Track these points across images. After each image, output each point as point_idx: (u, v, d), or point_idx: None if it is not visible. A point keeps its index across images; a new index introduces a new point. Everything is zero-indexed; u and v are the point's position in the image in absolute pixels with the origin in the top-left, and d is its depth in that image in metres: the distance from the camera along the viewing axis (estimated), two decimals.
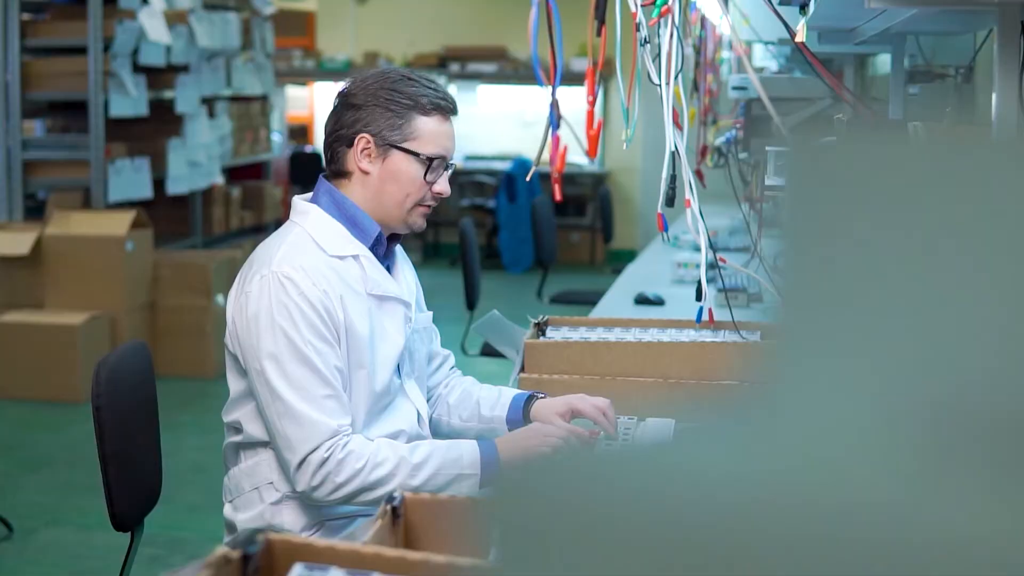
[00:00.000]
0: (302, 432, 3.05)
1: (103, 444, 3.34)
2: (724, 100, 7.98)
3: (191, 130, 10.28)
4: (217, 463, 6.86)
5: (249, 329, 3.11)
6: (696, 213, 3.79)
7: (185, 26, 10.03)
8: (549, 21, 2.52)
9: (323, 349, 3.10)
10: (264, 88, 11.94)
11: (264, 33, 11.84)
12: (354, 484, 3.06)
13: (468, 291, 7.35)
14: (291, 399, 3.05)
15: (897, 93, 3.83)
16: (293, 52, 15.77)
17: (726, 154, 5.89)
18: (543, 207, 9.45)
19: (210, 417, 8.38)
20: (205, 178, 10.57)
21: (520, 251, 14.68)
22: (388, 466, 3.08)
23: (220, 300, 9.34)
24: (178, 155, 10.05)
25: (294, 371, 3.06)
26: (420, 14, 16.02)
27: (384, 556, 1.72)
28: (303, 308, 3.08)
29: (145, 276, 9.12)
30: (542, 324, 4.09)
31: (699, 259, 6.35)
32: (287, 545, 1.74)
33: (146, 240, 9.10)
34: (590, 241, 15.46)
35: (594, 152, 2.78)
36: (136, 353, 3.57)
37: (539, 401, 3.52)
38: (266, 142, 12.21)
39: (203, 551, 5.29)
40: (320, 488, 3.06)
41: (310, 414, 3.05)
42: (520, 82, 15.32)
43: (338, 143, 3.31)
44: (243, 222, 11.48)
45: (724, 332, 4.00)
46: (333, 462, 3.04)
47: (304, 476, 3.06)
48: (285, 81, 14.40)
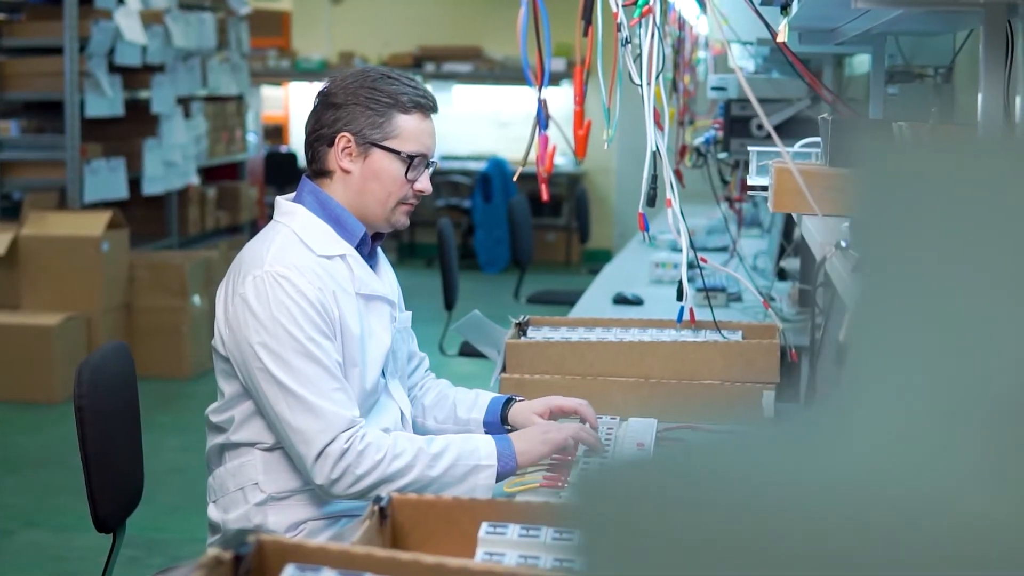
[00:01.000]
0: (318, 424, 3.04)
1: (85, 445, 3.33)
2: (701, 100, 7.99)
3: (167, 130, 10.25)
4: (195, 464, 6.87)
5: (248, 329, 3.10)
6: (677, 213, 3.80)
7: (161, 26, 10.01)
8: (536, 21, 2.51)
9: (325, 344, 3.10)
10: (240, 88, 11.92)
11: (240, 33, 11.81)
12: (374, 476, 3.05)
13: (446, 291, 7.35)
14: (303, 393, 3.04)
15: (877, 93, 3.84)
16: (268, 52, 15.75)
17: (705, 154, 5.90)
18: (520, 207, 9.45)
19: (187, 417, 8.42)
20: (181, 178, 10.54)
21: (496, 251, 14.68)
22: (407, 457, 3.07)
23: (196, 301, 9.33)
24: (154, 155, 10.02)
25: (301, 366, 3.05)
26: (395, 14, 16.01)
27: (375, 556, 1.73)
28: (302, 305, 3.08)
29: (121, 277, 9.09)
30: (523, 324, 4.09)
31: (677, 259, 6.40)
32: (278, 546, 1.74)
33: (122, 241, 9.08)
34: (565, 241, 15.47)
35: (582, 153, 2.77)
36: (118, 353, 3.56)
37: (517, 404, 3.53)
38: (241, 142, 12.18)
39: (183, 552, 5.30)
40: (340, 480, 3.05)
41: (324, 405, 3.05)
42: (495, 82, 15.32)
43: (319, 142, 3.30)
44: (219, 223, 11.45)
45: (705, 332, 4.01)
46: (353, 453, 3.04)
47: (323, 469, 3.04)
48: (260, 81, 14.37)
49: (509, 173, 14.86)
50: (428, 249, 14.54)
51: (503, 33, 15.67)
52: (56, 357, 8.40)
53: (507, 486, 3.15)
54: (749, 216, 8.17)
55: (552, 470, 3.21)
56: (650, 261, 6.54)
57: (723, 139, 5.38)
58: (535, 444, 3.19)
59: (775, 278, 6.03)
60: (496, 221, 14.58)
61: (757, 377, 3.80)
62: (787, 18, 3.24)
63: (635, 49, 3.49)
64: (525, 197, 10.40)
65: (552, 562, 2.04)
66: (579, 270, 14.18)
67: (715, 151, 5.76)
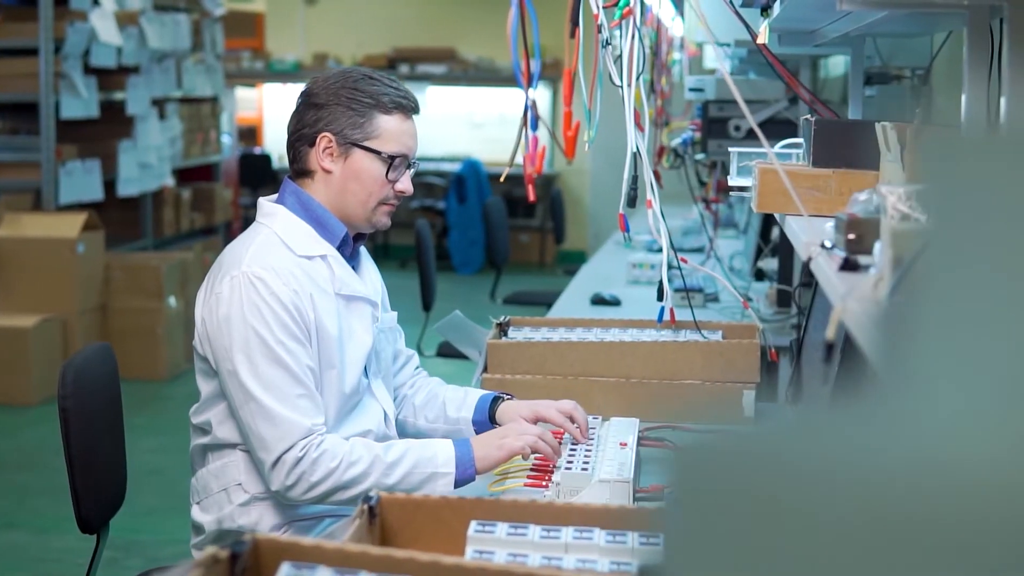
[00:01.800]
0: (276, 431, 3.06)
1: (70, 446, 3.32)
2: (677, 102, 8.01)
3: (142, 131, 10.23)
4: (172, 465, 6.89)
5: (220, 330, 3.12)
6: (657, 214, 3.81)
7: (136, 27, 9.99)
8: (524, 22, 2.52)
9: (295, 348, 3.11)
10: (214, 89, 11.90)
11: (214, 34, 11.80)
12: (328, 483, 3.07)
13: (424, 292, 7.35)
14: (264, 399, 3.06)
15: (856, 95, 3.86)
16: (242, 53, 15.73)
17: (683, 155, 5.92)
18: (496, 208, 9.47)
19: (164, 419, 8.41)
20: (156, 180, 10.53)
21: (470, 252, 14.70)
22: (362, 465, 3.09)
23: (172, 302, 9.32)
24: (129, 157, 10.00)
25: (267, 371, 3.07)
26: (369, 15, 16.01)
27: (370, 554, 1.74)
28: (274, 308, 3.09)
29: (97, 278, 9.08)
30: (504, 325, 4.10)
31: (654, 260, 6.43)
32: (274, 544, 1.75)
33: (97, 242, 9.06)
34: (539, 242, 15.49)
35: (571, 153, 2.79)
36: (101, 354, 3.56)
37: (505, 403, 3.53)
38: (216, 144, 12.16)
39: (161, 553, 5.29)
40: (295, 487, 3.07)
41: (284, 413, 3.06)
42: (469, 83, 15.34)
43: (300, 142, 3.31)
44: (193, 224, 11.43)
45: (685, 332, 4.02)
46: (308, 461, 3.05)
47: (279, 475, 3.07)
48: (234, 82, 14.35)
49: (483, 174, 14.89)
50: (402, 250, 14.55)
51: (477, 34, 15.69)
52: (32, 359, 8.39)
53: (491, 486, 3.16)
54: (724, 217, 8.20)
55: (536, 470, 3.23)
56: (627, 262, 6.56)
57: (701, 140, 5.40)
58: (491, 450, 3.20)
59: (752, 278, 6.05)
60: (470, 222, 14.59)
61: (737, 377, 3.82)
62: (768, 20, 3.27)
63: (614, 51, 3.51)
64: (501, 198, 10.41)
65: (541, 559, 2.05)
66: (554, 271, 14.20)
67: (692, 152, 5.78)
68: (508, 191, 15.07)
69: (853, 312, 1.63)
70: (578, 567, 2.02)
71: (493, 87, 15.55)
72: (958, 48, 3.81)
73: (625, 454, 3.23)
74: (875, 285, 1.65)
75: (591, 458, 3.22)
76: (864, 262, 1.90)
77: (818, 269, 2.05)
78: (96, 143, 9.84)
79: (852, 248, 1.99)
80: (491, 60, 15.50)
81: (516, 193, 15.12)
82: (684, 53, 7.82)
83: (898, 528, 0.72)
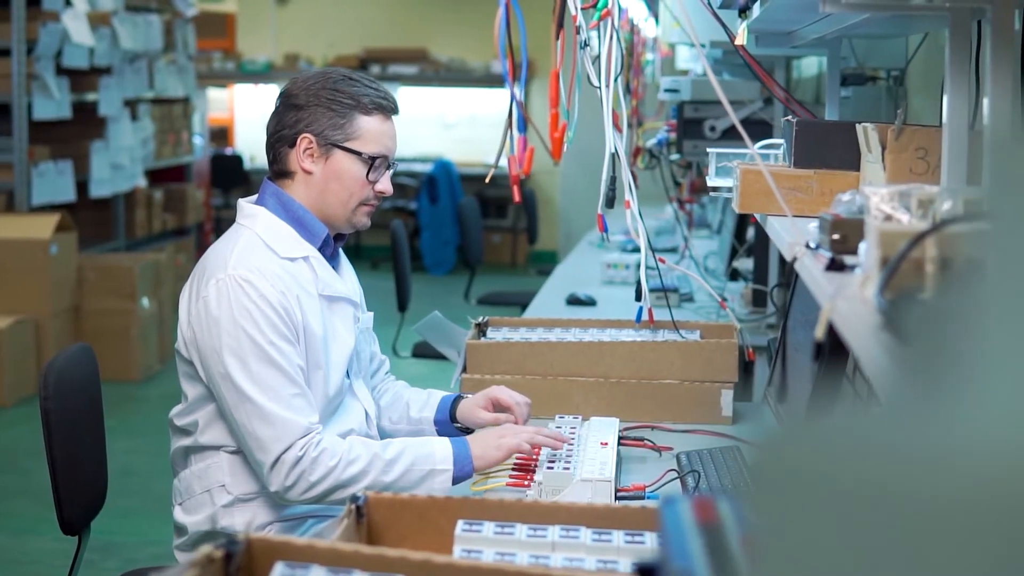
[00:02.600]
0: (274, 431, 3.06)
1: (52, 447, 3.32)
2: (650, 102, 8.04)
3: (114, 132, 10.21)
4: (146, 467, 6.88)
5: (210, 333, 3.11)
6: (636, 214, 3.83)
7: (108, 28, 9.97)
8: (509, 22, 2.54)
9: (286, 349, 3.11)
10: (186, 90, 11.89)
11: (186, 35, 11.79)
12: (328, 482, 3.07)
13: (399, 293, 7.36)
14: (260, 400, 3.06)
15: (833, 96, 3.89)
16: (213, 54, 15.69)
17: (658, 156, 5.94)
18: (470, 208, 9.48)
19: (137, 420, 8.39)
20: (128, 181, 10.51)
21: (442, 253, 14.71)
22: (361, 463, 3.10)
23: (145, 303, 9.30)
24: (101, 157, 9.99)
25: (260, 372, 3.07)
26: (340, 16, 15.98)
27: (363, 554, 1.75)
28: (264, 309, 3.09)
29: (69, 279, 9.05)
30: (482, 325, 4.12)
31: (629, 260, 6.45)
32: (267, 544, 1.76)
33: (70, 243, 9.04)
34: (511, 242, 15.51)
35: (558, 154, 2.81)
36: (81, 356, 3.56)
37: (463, 400, 3.56)
38: (188, 144, 12.15)
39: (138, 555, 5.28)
40: (295, 487, 3.07)
41: (280, 413, 3.07)
42: (441, 84, 15.34)
43: (280, 143, 3.31)
44: (165, 225, 11.42)
45: (663, 332, 4.04)
46: (307, 460, 3.06)
47: (278, 476, 3.07)
48: (206, 83, 14.32)
49: (455, 175, 14.89)
50: (373, 251, 14.54)
51: (448, 35, 15.69)
52: (5, 360, 8.35)
53: (473, 486, 3.17)
54: (697, 217, 8.24)
55: (518, 469, 3.24)
56: (601, 262, 6.58)
57: (676, 141, 5.42)
58: (490, 449, 3.22)
59: (727, 278, 6.08)
60: (442, 223, 14.60)
61: (716, 376, 3.84)
62: (747, 21, 3.28)
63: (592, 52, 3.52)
64: (475, 198, 10.42)
65: (528, 558, 2.06)
66: (527, 271, 14.23)
67: (667, 153, 5.80)
68: (480, 191, 15.07)
69: (841, 311, 1.65)
70: (565, 565, 2.03)
71: (465, 87, 15.56)
72: (934, 49, 3.84)
73: (606, 453, 3.25)
74: (862, 285, 1.67)
75: (572, 457, 3.24)
76: (850, 262, 1.92)
77: (803, 269, 2.06)
78: (68, 144, 9.82)
79: (837, 248, 2.01)
80: (463, 60, 15.51)
81: (488, 193, 15.13)
82: (656, 54, 7.84)
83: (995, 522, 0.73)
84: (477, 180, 15.35)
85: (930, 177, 2.42)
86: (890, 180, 2.44)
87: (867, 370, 1.43)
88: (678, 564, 1.11)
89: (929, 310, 0.81)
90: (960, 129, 2.24)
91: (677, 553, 1.13)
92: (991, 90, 2.03)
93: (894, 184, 2.24)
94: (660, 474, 3.31)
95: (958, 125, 2.24)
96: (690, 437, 3.72)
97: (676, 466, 3.40)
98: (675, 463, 3.44)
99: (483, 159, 15.50)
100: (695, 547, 1.15)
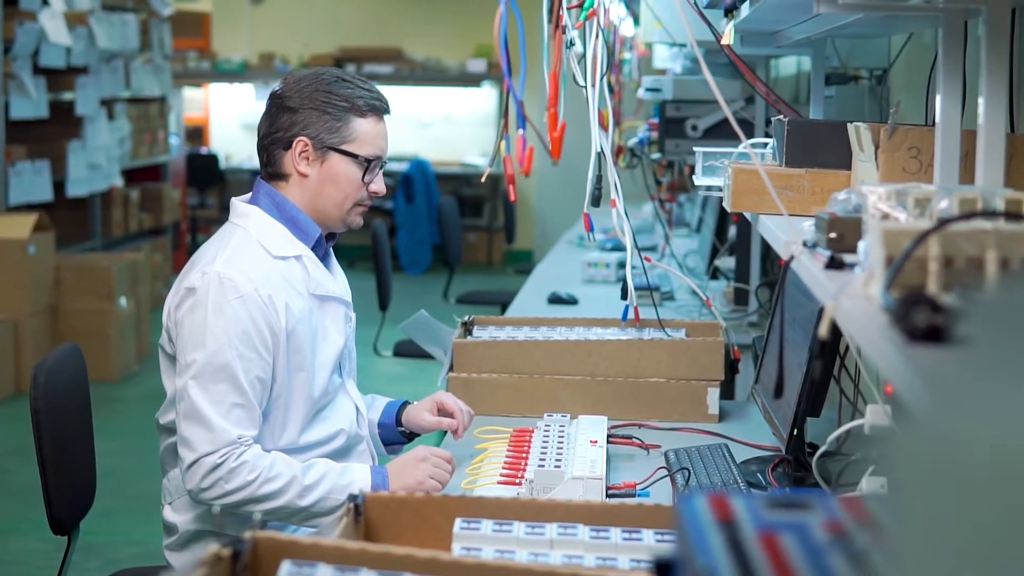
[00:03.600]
0: (202, 435, 3.07)
1: (42, 447, 3.32)
2: (628, 101, 8.05)
3: (91, 132, 10.20)
4: (125, 468, 6.87)
5: (183, 324, 3.13)
6: (622, 213, 3.85)
7: (85, 27, 9.96)
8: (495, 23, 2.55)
9: (248, 356, 3.11)
10: (162, 89, 11.88)
11: (162, 34, 11.77)
12: (242, 494, 3.09)
13: (380, 292, 7.36)
14: (200, 402, 3.08)
15: (818, 95, 3.91)
16: (188, 53, 15.65)
17: (639, 155, 5.96)
18: (449, 208, 9.49)
19: (116, 421, 8.36)
20: (105, 180, 10.50)
21: (418, 252, 14.71)
22: (279, 482, 3.11)
23: (123, 303, 9.28)
24: (78, 157, 9.97)
25: (212, 374, 3.08)
26: (315, 15, 15.96)
27: (369, 552, 1.76)
28: (238, 312, 3.09)
29: (47, 279, 9.03)
30: (468, 324, 4.13)
31: (609, 259, 6.47)
32: (273, 543, 1.77)
33: (48, 243, 9.02)
34: (487, 241, 15.52)
35: (557, 154, 2.82)
36: (71, 355, 3.56)
37: (410, 406, 3.58)
38: (164, 144, 12.14)
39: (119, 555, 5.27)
40: (208, 491, 3.09)
41: (213, 419, 3.08)
42: (416, 83, 15.32)
43: (274, 146, 3.30)
44: (142, 224, 11.40)
45: (648, 330, 4.06)
46: (225, 469, 3.07)
47: (194, 477, 3.09)
48: (181, 83, 14.29)
49: (431, 174, 14.89)
50: (350, 250, 14.51)
51: (424, 34, 15.69)
52: None
53: (464, 484, 3.18)
54: (675, 216, 8.26)
55: (508, 468, 3.26)
56: (582, 261, 6.59)
57: (658, 140, 5.44)
58: (410, 481, 3.21)
59: (708, 277, 6.10)
60: (418, 222, 14.61)
61: (702, 374, 3.86)
62: (734, 21, 3.30)
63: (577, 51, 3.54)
64: (453, 198, 10.42)
65: (527, 556, 2.07)
66: (504, 270, 14.22)
67: (648, 152, 5.82)
68: (456, 190, 15.09)
69: (845, 309, 1.66)
70: (565, 562, 2.04)
71: (440, 87, 15.56)
72: (917, 49, 3.86)
73: (596, 451, 3.27)
74: (866, 283, 1.69)
75: (563, 456, 3.25)
76: (849, 260, 1.94)
77: (801, 267, 2.08)
78: (45, 144, 9.80)
79: (833, 246, 2.02)
80: (438, 59, 15.50)
81: (464, 192, 15.15)
82: (634, 53, 7.85)
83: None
84: (453, 179, 15.37)
85: (923, 176, 2.44)
86: (883, 179, 2.45)
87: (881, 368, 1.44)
88: (702, 560, 1.12)
89: (994, 307, 0.82)
90: (953, 128, 2.26)
91: (699, 549, 1.15)
92: (985, 89, 2.05)
93: (888, 183, 2.26)
94: (649, 472, 3.33)
95: (951, 124, 2.26)
96: (677, 435, 3.74)
97: (665, 464, 3.42)
98: (664, 461, 3.45)
99: (459, 158, 15.52)
100: (715, 543, 1.17)
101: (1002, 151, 2.07)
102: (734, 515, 1.23)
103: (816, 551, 1.16)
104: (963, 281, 1.57)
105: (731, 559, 1.13)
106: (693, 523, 1.19)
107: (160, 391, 3.29)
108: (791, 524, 1.21)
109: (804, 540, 1.18)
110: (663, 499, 3.06)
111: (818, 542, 1.18)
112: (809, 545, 1.17)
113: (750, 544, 1.17)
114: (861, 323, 1.57)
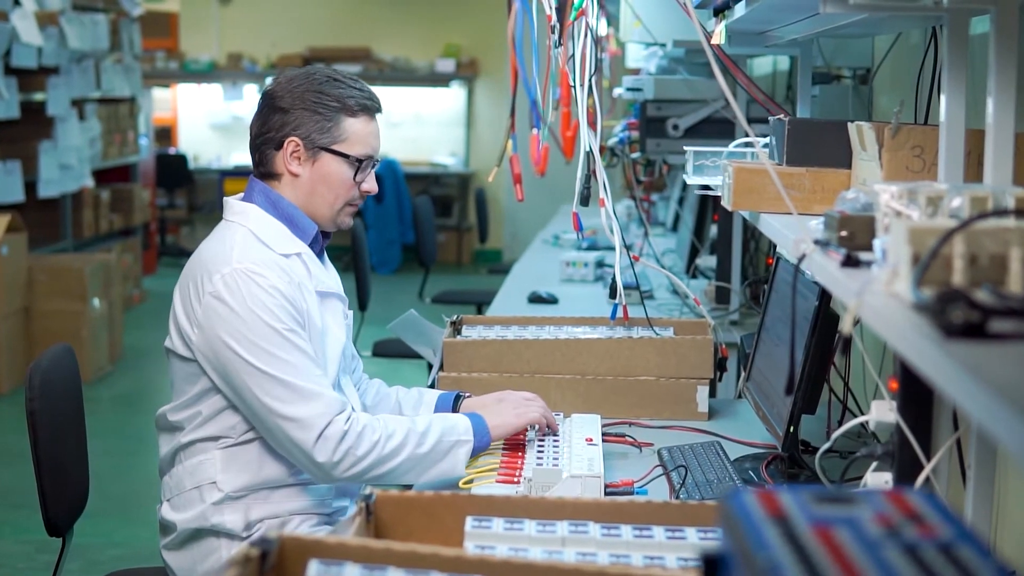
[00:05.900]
0: (313, 408, 3.06)
1: (37, 448, 3.31)
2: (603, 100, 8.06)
3: (62, 132, 10.17)
4: (105, 469, 6.85)
5: (224, 327, 3.10)
6: (611, 212, 3.87)
7: (56, 28, 9.92)
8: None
9: (303, 335, 3.14)
10: (132, 90, 11.85)
11: (132, 34, 11.74)
12: (372, 456, 3.09)
13: (360, 292, 7.36)
14: (294, 381, 3.07)
15: (805, 94, 3.93)
16: (156, 54, 15.60)
17: (619, 154, 5.97)
18: (424, 208, 9.50)
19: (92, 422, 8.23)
20: (76, 181, 10.47)
21: (388, 252, 14.70)
22: (399, 436, 3.13)
23: (96, 304, 9.25)
24: (49, 158, 9.94)
25: (286, 356, 3.08)
26: (284, 15, 15.94)
27: (395, 551, 1.77)
28: (277, 299, 3.10)
29: (20, 281, 8.99)
30: (457, 323, 4.13)
31: (588, 258, 6.48)
32: (299, 543, 1.78)
33: (21, 244, 8.98)
34: (456, 241, 15.52)
35: (570, 153, 2.83)
36: (65, 356, 3.55)
37: (467, 400, 3.56)
38: (134, 144, 12.10)
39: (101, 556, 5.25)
40: (342, 463, 3.08)
41: (316, 390, 3.08)
42: (385, 83, 15.29)
43: (266, 146, 3.30)
44: (112, 225, 11.37)
45: (637, 329, 4.07)
46: (352, 435, 3.07)
47: (325, 451, 3.06)
48: (149, 83, 14.24)
49: (400, 174, 14.89)
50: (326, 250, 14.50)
51: (392, 34, 15.68)
52: None
53: (462, 484, 3.18)
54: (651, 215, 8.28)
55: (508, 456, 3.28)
56: (560, 260, 6.61)
57: (639, 139, 5.45)
58: (509, 417, 3.32)
59: (688, 276, 6.12)
60: (388, 222, 14.61)
61: (691, 372, 3.88)
62: (726, 21, 3.32)
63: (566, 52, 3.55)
64: (428, 197, 10.42)
65: (541, 553, 2.08)
66: (476, 270, 14.23)
67: (627, 151, 5.83)
68: (426, 190, 15.09)
69: (871, 307, 1.68)
70: (578, 560, 2.06)
71: (409, 87, 15.55)
72: (903, 49, 3.89)
73: (593, 450, 3.28)
74: (889, 280, 1.70)
75: (559, 454, 3.27)
76: (864, 258, 1.95)
77: (815, 266, 2.09)
78: (16, 144, 9.77)
79: (844, 245, 2.04)
80: (407, 59, 15.49)
81: (433, 192, 15.16)
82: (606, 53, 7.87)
83: None
84: (422, 179, 15.37)
85: (926, 174, 2.46)
86: (887, 177, 2.47)
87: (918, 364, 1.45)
88: (762, 554, 1.13)
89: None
90: (957, 127, 2.28)
91: (757, 544, 1.15)
92: (994, 88, 2.07)
93: (892, 181, 2.28)
94: (646, 470, 3.35)
95: (955, 123, 2.28)
96: (668, 433, 3.75)
97: (660, 461, 3.44)
98: (657, 459, 3.47)
99: (428, 158, 15.53)
100: (772, 537, 1.18)
101: (1011, 150, 2.08)
102: (784, 510, 1.24)
103: (872, 544, 1.17)
104: (986, 278, 1.59)
105: (791, 553, 1.14)
106: (746, 518, 1.20)
107: (136, 392, 3.29)
108: (843, 518, 1.22)
109: (858, 534, 1.19)
110: (661, 497, 3.07)
111: (872, 535, 1.19)
112: (864, 539, 1.18)
113: (807, 538, 1.18)
114: (891, 320, 1.58)
